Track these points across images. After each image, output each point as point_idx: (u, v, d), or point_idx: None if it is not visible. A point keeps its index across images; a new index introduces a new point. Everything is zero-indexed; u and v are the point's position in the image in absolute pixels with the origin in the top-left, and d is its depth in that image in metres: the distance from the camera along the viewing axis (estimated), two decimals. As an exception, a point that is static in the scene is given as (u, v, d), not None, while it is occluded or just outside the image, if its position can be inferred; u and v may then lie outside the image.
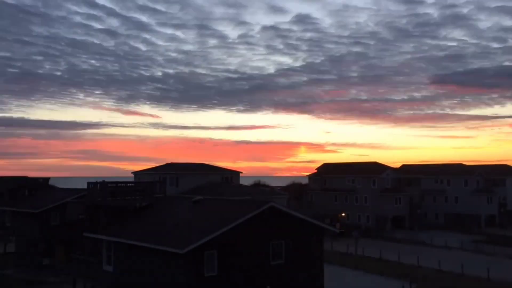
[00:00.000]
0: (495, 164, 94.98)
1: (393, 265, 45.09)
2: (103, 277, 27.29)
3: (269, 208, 24.83)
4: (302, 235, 26.62)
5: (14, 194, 48.05)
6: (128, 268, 25.54)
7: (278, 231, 25.39)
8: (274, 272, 25.06)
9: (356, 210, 78.82)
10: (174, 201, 32.13)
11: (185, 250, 21.00)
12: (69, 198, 42.37)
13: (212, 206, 27.57)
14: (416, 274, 40.35)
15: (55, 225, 42.87)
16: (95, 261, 28.16)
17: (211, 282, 22.45)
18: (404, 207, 76.42)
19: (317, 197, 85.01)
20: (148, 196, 30.97)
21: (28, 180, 52.57)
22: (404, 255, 48.98)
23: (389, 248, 54.16)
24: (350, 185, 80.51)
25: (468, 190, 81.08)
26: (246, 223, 23.49)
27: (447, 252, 54.26)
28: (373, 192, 76.79)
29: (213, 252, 22.49)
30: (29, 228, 43.56)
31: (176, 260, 22.01)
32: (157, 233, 25.01)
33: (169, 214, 28.69)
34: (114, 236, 26.34)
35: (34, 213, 42.46)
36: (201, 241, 21.59)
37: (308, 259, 26.81)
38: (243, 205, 26.79)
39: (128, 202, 29.97)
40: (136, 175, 60.57)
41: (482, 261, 47.95)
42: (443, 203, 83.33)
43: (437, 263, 43.90)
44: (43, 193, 48.28)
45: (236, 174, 61.75)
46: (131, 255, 25.14)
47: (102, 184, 29.69)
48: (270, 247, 25.03)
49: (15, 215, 46.01)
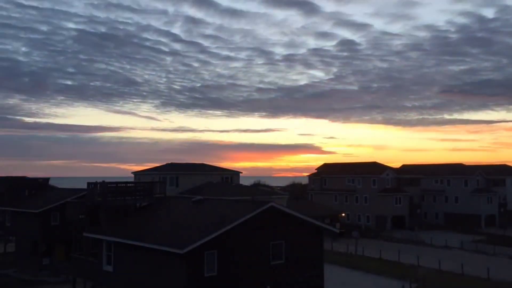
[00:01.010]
0: (495, 164, 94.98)
1: (393, 265, 45.12)
2: (103, 277, 27.29)
3: (269, 208, 24.82)
4: (302, 235, 26.60)
5: (14, 194, 47.95)
6: (128, 268, 25.53)
7: (278, 231, 25.38)
8: (274, 272, 25.05)
9: (356, 210, 78.85)
10: (174, 201, 32.12)
11: (185, 250, 20.99)
12: (69, 198, 42.33)
13: (212, 206, 27.55)
14: (416, 274, 40.35)
15: (55, 225, 42.84)
16: (95, 261, 28.12)
17: (211, 282, 22.44)
18: (404, 207, 76.42)
19: (317, 197, 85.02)
20: (148, 196, 30.94)
21: (28, 180, 52.49)
22: (404, 255, 49.00)
23: (389, 248, 54.17)
24: (350, 185, 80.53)
25: (468, 190, 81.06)
26: (246, 223, 23.48)
27: (447, 252, 54.28)
28: (373, 192, 76.80)
29: (213, 252, 22.48)
30: (29, 228, 43.53)
31: (176, 260, 22.00)
32: (157, 233, 25.00)
33: (169, 214, 28.69)
34: (114, 236, 26.33)
35: (34, 213, 42.43)
36: (201, 241, 21.58)
37: (308, 259, 26.79)
38: (243, 205, 26.77)
39: (128, 202, 29.96)
40: (136, 175, 60.54)
41: (482, 261, 47.98)
42: (443, 203, 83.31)
43: (437, 263, 43.91)
44: (43, 193, 48.24)
45: (236, 174, 61.74)
46: (131, 255, 25.13)
47: (102, 184, 29.65)
48: (270, 247, 25.01)
49: (15, 215, 45.99)
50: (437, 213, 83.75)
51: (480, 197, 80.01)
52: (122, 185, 30.99)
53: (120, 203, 29.48)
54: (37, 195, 48.07)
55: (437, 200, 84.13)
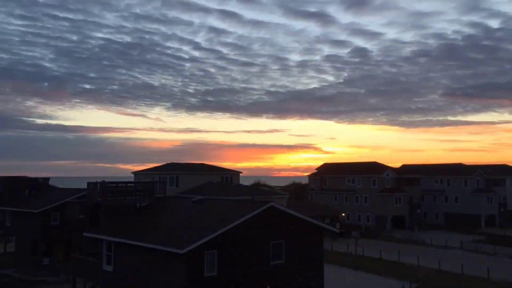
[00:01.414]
0: (495, 164, 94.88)
1: (393, 265, 45.11)
2: (103, 277, 27.29)
3: (269, 208, 24.83)
4: (302, 235, 26.60)
5: (14, 194, 47.93)
6: (128, 268, 25.53)
7: (278, 231, 25.38)
8: (274, 272, 25.06)
9: (356, 210, 78.85)
10: (174, 201, 32.14)
11: (185, 250, 21.00)
12: (69, 198, 42.34)
13: (212, 206, 27.55)
14: (416, 274, 40.36)
15: (55, 225, 42.84)
16: (95, 261, 28.12)
17: (211, 282, 22.44)
18: (404, 207, 76.43)
19: (317, 197, 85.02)
20: (148, 196, 30.95)
21: (28, 180, 52.45)
22: (404, 255, 48.99)
23: (389, 248, 54.15)
24: (350, 185, 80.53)
25: (468, 190, 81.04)
26: (246, 223, 23.49)
27: (447, 252, 54.26)
28: (373, 192, 76.81)
29: (213, 252, 22.48)
30: (29, 228, 43.53)
31: (176, 260, 22.00)
32: (157, 233, 25.00)
33: (169, 214, 28.70)
34: (114, 236, 26.33)
35: (34, 213, 42.43)
36: (201, 241, 21.59)
37: (308, 259, 26.79)
38: (243, 205, 26.76)
39: (128, 202, 29.96)
40: (136, 175, 60.53)
41: (482, 261, 47.95)
42: (443, 203, 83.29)
43: (437, 263, 43.90)
44: (43, 193, 48.23)
45: (236, 174, 61.72)
46: (131, 255, 25.14)
47: (102, 184, 29.64)
48: (270, 247, 25.01)
49: (15, 215, 45.98)
50: (437, 213, 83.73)
51: (480, 197, 79.98)
52: (122, 185, 30.99)
53: (120, 203, 29.49)
54: (37, 195, 48.07)
55: (437, 200, 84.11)
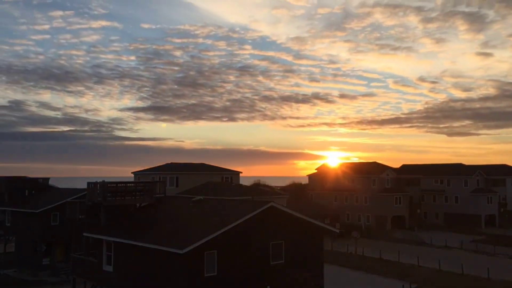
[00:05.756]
0: (495, 164, 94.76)
1: (393, 265, 45.13)
2: (103, 277, 27.28)
3: (269, 208, 24.82)
4: (302, 235, 26.59)
5: (14, 194, 47.95)
6: (128, 268, 25.53)
7: (278, 231, 25.37)
8: (274, 272, 25.05)
9: (356, 210, 78.84)
10: (174, 201, 32.13)
11: (185, 250, 20.98)
12: (69, 198, 42.38)
13: (212, 206, 27.54)
14: (416, 274, 40.38)
15: (55, 225, 42.87)
16: (95, 261, 28.11)
17: (211, 282, 22.44)
18: (404, 207, 76.41)
19: (317, 197, 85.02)
20: (148, 196, 30.94)
21: (28, 180, 52.47)
22: (404, 255, 49.02)
23: (389, 248, 54.17)
24: (350, 185, 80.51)
25: (468, 190, 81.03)
26: (246, 223, 23.47)
27: (447, 252, 54.27)
28: (373, 192, 76.79)
29: (213, 252, 22.47)
30: (29, 228, 43.55)
31: (176, 260, 22.00)
32: (157, 233, 25.00)
33: (169, 214, 28.69)
34: (114, 236, 26.32)
35: (34, 213, 42.46)
36: (201, 241, 21.57)
37: (308, 259, 26.79)
38: (243, 205, 26.76)
39: (128, 202, 29.96)
40: (136, 175, 60.55)
41: (482, 261, 47.97)
42: (443, 203, 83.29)
43: (437, 263, 43.91)
44: (43, 193, 48.26)
45: (236, 174, 61.75)
46: (131, 255, 25.13)
47: (102, 184, 29.62)
48: (270, 247, 25.00)
49: (15, 215, 46.00)
50: (437, 213, 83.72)
51: (480, 197, 79.96)
52: (122, 185, 30.97)
53: (120, 203, 29.47)
54: (37, 195, 48.09)
55: (437, 200, 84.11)
